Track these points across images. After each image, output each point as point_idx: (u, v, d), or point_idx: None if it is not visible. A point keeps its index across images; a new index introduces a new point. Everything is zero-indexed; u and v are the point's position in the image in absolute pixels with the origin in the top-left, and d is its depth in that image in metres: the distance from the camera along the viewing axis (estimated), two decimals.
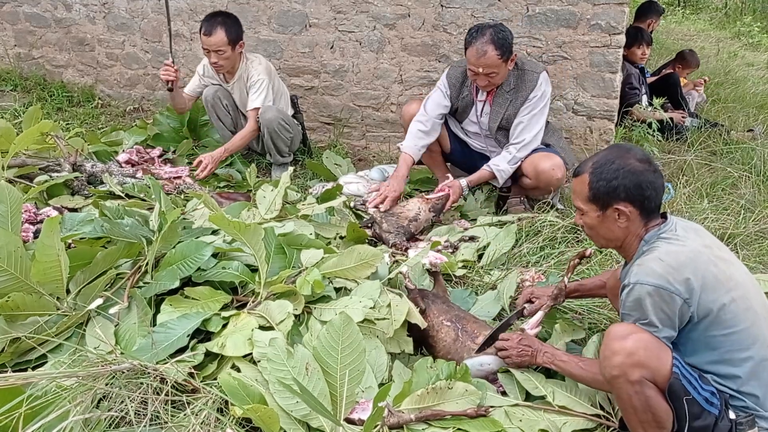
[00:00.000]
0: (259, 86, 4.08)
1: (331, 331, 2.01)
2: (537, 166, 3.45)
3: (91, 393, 1.60)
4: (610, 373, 1.78)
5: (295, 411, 1.86)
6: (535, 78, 3.43)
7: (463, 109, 3.65)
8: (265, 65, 4.15)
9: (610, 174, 1.93)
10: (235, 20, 4.03)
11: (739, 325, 1.78)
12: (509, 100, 3.47)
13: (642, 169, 1.91)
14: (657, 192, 1.92)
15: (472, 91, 3.57)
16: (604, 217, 1.97)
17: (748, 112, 5.93)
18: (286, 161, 4.31)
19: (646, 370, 1.73)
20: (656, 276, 1.78)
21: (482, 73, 3.31)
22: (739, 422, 1.77)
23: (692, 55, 6.48)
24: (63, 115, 5.36)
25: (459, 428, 1.96)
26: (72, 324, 2.23)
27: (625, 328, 1.80)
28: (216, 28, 3.89)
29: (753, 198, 3.84)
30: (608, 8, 3.89)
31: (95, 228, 2.56)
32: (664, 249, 1.84)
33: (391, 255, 2.90)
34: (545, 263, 3.06)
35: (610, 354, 1.77)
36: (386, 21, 4.47)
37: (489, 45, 3.24)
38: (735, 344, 1.79)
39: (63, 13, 5.60)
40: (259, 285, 2.40)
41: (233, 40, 3.95)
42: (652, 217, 1.95)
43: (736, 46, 10.18)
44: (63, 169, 3.53)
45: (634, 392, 1.75)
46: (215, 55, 3.95)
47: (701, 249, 1.84)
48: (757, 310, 1.83)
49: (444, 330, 2.33)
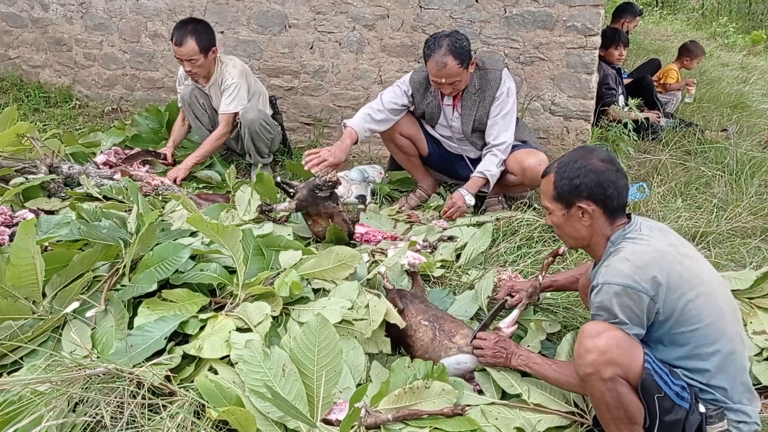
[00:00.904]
0: (232, 90, 4.07)
1: (307, 332, 2.02)
2: (522, 163, 3.50)
3: (65, 397, 1.60)
4: (583, 371, 1.81)
5: (271, 413, 1.86)
6: (498, 76, 3.48)
7: (431, 114, 3.67)
8: (239, 68, 4.14)
9: (572, 173, 1.98)
10: (206, 26, 4.02)
11: (704, 321, 1.82)
12: (477, 102, 3.50)
13: (604, 169, 1.96)
14: (619, 191, 1.97)
15: (437, 97, 3.60)
16: (569, 215, 2.02)
17: (723, 112, 6.04)
18: (265, 162, 4.31)
19: (619, 367, 1.77)
20: (623, 276, 1.82)
21: (445, 83, 3.36)
22: (709, 415, 1.81)
23: (695, 45, 6.59)
24: (40, 116, 5.31)
25: (436, 427, 1.98)
26: (48, 328, 2.22)
27: (598, 326, 1.83)
28: (186, 37, 3.88)
29: (726, 197, 3.91)
30: (584, 10, 3.94)
31: (72, 230, 2.55)
32: (630, 249, 1.88)
33: (371, 254, 2.92)
34: (522, 262, 3.10)
35: (583, 352, 1.81)
36: (365, 22, 4.49)
37: (448, 56, 3.28)
38: (701, 339, 1.83)
39: (40, 13, 5.55)
40: (237, 287, 2.41)
41: (204, 48, 3.94)
42: (616, 216, 2.00)
43: (712, 46, 10.33)
44: (39, 170, 3.50)
45: (607, 389, 1.78)
46: (188, 64, 3.95)
47: (666, 248, 1.88)
48: (722, 306, 1.87)
49: (422, 329, 2.35)
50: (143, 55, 5.29)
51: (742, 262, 3.18)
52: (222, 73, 4.12)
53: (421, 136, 3.80)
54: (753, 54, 10.22)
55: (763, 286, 2.76)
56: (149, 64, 5.31)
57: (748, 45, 10.79)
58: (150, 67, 5.32)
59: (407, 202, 3.81)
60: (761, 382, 2.33)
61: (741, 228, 3.51)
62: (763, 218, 3.60)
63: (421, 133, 3.79)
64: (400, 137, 3.74)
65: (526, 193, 3.80)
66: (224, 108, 4.11)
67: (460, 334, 2.33)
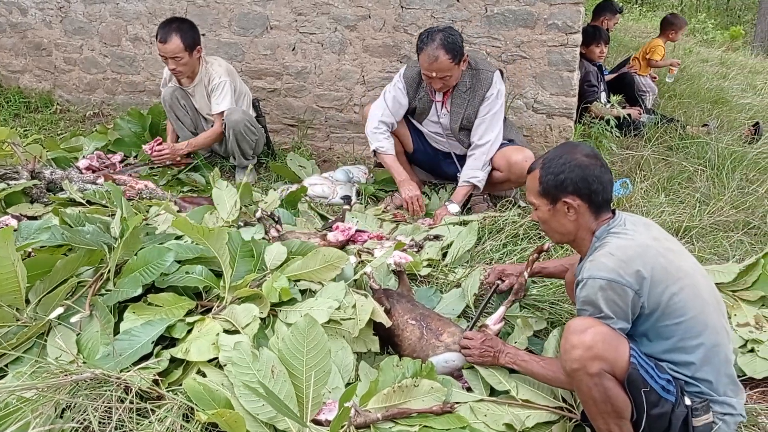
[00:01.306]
0: (221, 88, 4.06)
1: (296, 333, 2.02)
2: (509, 159, 3.52)
3: (52, 403, 1.58)
4: (570, 367, 1.82)
5: (261, 414, 1.86)
6: (489, 77, 3.50)
7: (422, 110, 3.68)
8: (225, 67, 4.13)
9: (557, 168, 2.00)
10: (191, 25, 4.01)
11: (688, 314, 1.84)
12: (467, 100, 3.51)
13: (588, 164, 1.98)
14: (604, 186, 1.99)
15: (429, 92, 3.61)
16: (554, 210, 2.05)
17: (703, 108, 6.09)
18: (250, 164, 4.29)
19: (605, 362, 1.78)
20: (607, 270, 1.83)
21: (436, 77, 3.37)
22: (694, 408, 1.82)
23: (676, 17, 6.66)
24: (20, 121, 5.27)
25: (425, 425, 1.98)
26: (32, 334, 2.19)
27: (584, 321, 1.84)
28: (171, 35, 3.87)
29: (708, 191, 3.95)
30: (564, 8, 3.96)
31: (53, 235, 2.52)
32: (615, 244, 1.90)
33: (357, 255, 2.92)
34: (508, 260, 3.11)
35: (569, 348, 1.81)
36: (347, 23, 4.49)
37: (440, 50, 3.29)
38: (686, 332, 1.85)
39: (18, 18, 5.49)
40: (224, 289, 2.40)
41: (189, 46, 3.93)
42: (601, 211, 2.02)
43: (691, 42, 10.43)
44: (21, 176, 3.47)
45: (594, 384, 1.79)
46: (173, 62, 3.93)
47: (649, 242, 1.90)
48: (706, 298, 1.89)
49: (409, 329, 2.36)
50: (124, 58, 5.26)
51: (725, 256, 3.21)
52: (208, 73, 4.11)
53: (407, 132, 3.81)
54: (732, 50, 10.35)
55: (746, 279, 2.80)
56: (130, 68, 5.27)
57: (727, 41, 10.93)
58: (131, 70, 5.28)
59: (392, 202, 3.82)
60: (746, 374, 2.36)
61: (723, 222, 3.54)
62: (744, 212, 3.64)
63: (407, 129, 3.81)
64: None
65: (512, 192, 3.82)
66: (216, 107, 4.10)
67: (447, 332, 2.33)
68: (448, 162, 3.80)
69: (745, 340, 2.49)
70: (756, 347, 2.46)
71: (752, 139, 4.98)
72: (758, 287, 2.76)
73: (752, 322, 2.59)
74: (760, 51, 11.50)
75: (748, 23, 15.69)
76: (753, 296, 2.74)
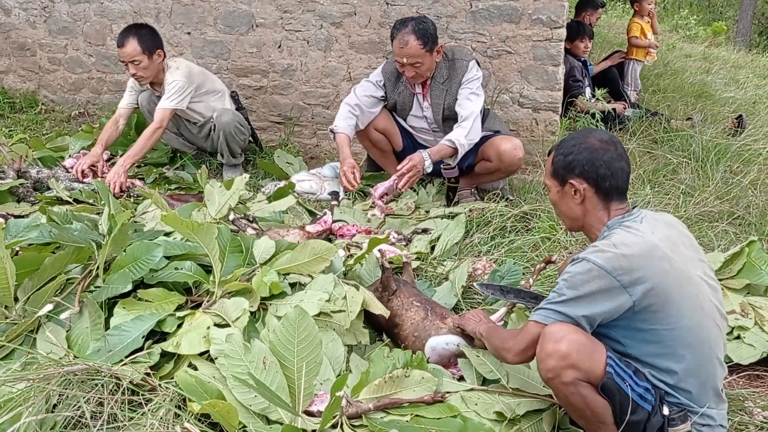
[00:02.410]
0: (171, 89, 4.02)
1: (286, 324, 2.03)
2: (498, 148, 3.53)
3: (44, 395, 1.58)
4: (545, 375, 1.80)
5: (253, 405, 1.87)
6: (465, 65, 3.53)
7: (403, 104, 3.69)
8: (183, 69, 4.09)
9: (567, 149, 1.98)
10: (151, 30, 4.02)
11: (682, 323, 1.79)
12: (445, 91, 3.54)
13: (599, 147, 1.94)
14: (613, 172, 1.93)
15: (408, 86, 3.63)
16: (563, 192, 2.01)
17: (687, 102, 6.15)
18: (237, 162, 4.30)
19: (579, 371, 1.74)
20: (604, 258, 1.77)
21: (407, 63, 3.38)
22: (671, 417, 1.78)
23: None
24: (5, 121, 5.23)
25: (417, 415, 1.99)
26: (22, 332, 2.19)
27: (560, 329, 1.79)
28: (128, 38, 3.88)
29: (692, 183, 4.00)
30: (548, 3, 3.99)
31: (42, 233, 2.51)
32: (621, 236, 1.84)
33: (346, 249, 2.93)
34: (496, 252, 3.13)
35: (544, 356, 1.78)
36: (333, 19, 4.49)
37: (410, 35, 3.32)
38: (677, 340, 1.80)
39: (2, 18, 5.46)
40: (214, 284, 2.40)
41: (148, 49, 3.92)
42: (611, 199, 1.96)
43: (674, 38, 10.53)
44: (7, 176, 3.46)
45: (570, 393, 1.77)
46: (132, 66, 3.93)
47: (659, 243, 1.83)
48: (705, 309, 1.84)
49: (414, 309, 2.39)
50: (109, 58, 5.23)
51: (711, 246, 3.24)
52: (167, 76, 4.10)
53: (396, 130, 3.82)
54: (714, 45, 10.45)
55: (732, 268, 2.83)
56: (115, 67, 5.25)
57: (709, 36, 11.03)
58: (116, 70, 5.25)
59: (373, 192, 3.81)
60: (732, 360, 2.40)
61: (708, 212, 3.58)
62: (729, 202, 3.68)
63: (395, 127, 3.82)
64: (374, 132, 3.76)
65: (499, 184, 3.84)
66: (161, 104, 4.04)
67: (451, 317, 2.37)
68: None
69: (731, 327, 2.52)
70: (742, 334, 2.49)
71: (736, 132, 5.03)
72: (743, 275, 2.79)
73: (738, 310, 2.62)
74: (741, 46, 11.64)
75: (729, 19, 15.86)
76: (738, 284, 2.76)
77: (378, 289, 2.53)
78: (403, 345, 2.35)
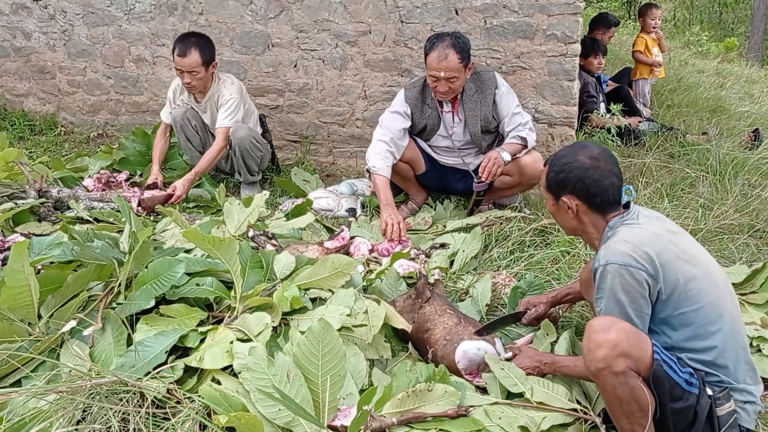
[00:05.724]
0: (229, 105, 4.09)
1: (310, 337, 2.02)
2: (519, 162, 3.55)
3: (73, 406, 1.58)
4: (595, 366, 1.80)
5: (278, 419, 1.86)
6: (492, 75, 3.57)
7: (431, 127, 3.68)
8: (237, 85, 4.18)
9: (559, 167, 2.07)
10: (208, 41, 4.06)
11: (705, 299, 1.86)
12: (479, 102, 3.55)
13: (589, 166, 2.02)
14: (603, 190, 2.02)
15: (436, 107, 3.63)
16: (558, 206, 2.12)
17: (702, 116, 6.13)
18: (255, 180, 4.32)
19: (631, 359, 1.77)
20: (622, 255, 1.86)
21: (443, 77, 3.37)
22: (717, 397, 1.83)
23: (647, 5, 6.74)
24: (26, 143, 5.30)
25: (440, 429, 1.97)
26: (45, 349, 2.20)
27: (606, 320, 1.83)
28: (190, 49, 3.91)
29: (711, 196, 3.97)
30: (563, 18, 4.01)
31: (64, 251, 2.54)
32: (627, 232, 1.94)
33: (366, 264, 2.93)
34: (516, 266, 3.12)
35: (594, 347, 1.79)
36: (348, 38, 4.53)
37: (450, 49, 3.32)
38: (705, 318, 1.86)
39: (22, 42, 5.55)
40: (235, 300, 2.40)
41: (207, 61, 3.98)
42: (606, 211, 2.06)
43: (686, 54, 10.52)
44: (28, 195, 3.50)
45: (619, 383, 1.77)
46: (188, 76, 3.96)
47: (662, 231, 1.94)
48: (720, 285, 1.92)
49: (447, 315, 2.40)
50: (127, 79, 5.30)
51: (732, 258, 3.23)
52: (219, 89, 4.15)
53: (419, 156, 3.79)
54: (727, 60, 10.43)
55: (754, 282, 2.82)
56: (134, 89, 5.32)
57: (721, 52, 11.02)
58: (134, 91, 5.33)
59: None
60: None
61: (728, 225, 3.56)
62: (749, 215, 3.66)
63: (419, 153, 3.79)
64: (400, 163, 3.72)
65: (516, 198, 3.83)
66: (221, 122, 4.11)
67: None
68: (457, 178, 3.82)
69: (751, 338, 2.49)
70: (762, 346, 2.47)
71: (753, 146, 5.00)
72: (765, 290, 2.77)
73: (758, 322, 2.60)
74: (754, 62, 11.61)
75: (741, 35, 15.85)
76: (760, 299, 2.75)
77: (411, 296, 2.53)
78: (432, 350, 2.33)
